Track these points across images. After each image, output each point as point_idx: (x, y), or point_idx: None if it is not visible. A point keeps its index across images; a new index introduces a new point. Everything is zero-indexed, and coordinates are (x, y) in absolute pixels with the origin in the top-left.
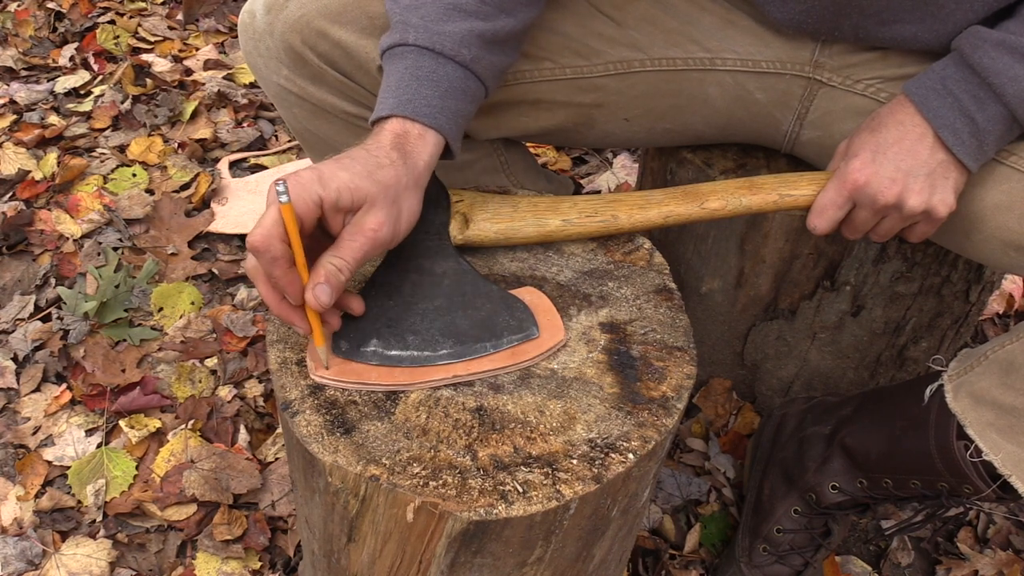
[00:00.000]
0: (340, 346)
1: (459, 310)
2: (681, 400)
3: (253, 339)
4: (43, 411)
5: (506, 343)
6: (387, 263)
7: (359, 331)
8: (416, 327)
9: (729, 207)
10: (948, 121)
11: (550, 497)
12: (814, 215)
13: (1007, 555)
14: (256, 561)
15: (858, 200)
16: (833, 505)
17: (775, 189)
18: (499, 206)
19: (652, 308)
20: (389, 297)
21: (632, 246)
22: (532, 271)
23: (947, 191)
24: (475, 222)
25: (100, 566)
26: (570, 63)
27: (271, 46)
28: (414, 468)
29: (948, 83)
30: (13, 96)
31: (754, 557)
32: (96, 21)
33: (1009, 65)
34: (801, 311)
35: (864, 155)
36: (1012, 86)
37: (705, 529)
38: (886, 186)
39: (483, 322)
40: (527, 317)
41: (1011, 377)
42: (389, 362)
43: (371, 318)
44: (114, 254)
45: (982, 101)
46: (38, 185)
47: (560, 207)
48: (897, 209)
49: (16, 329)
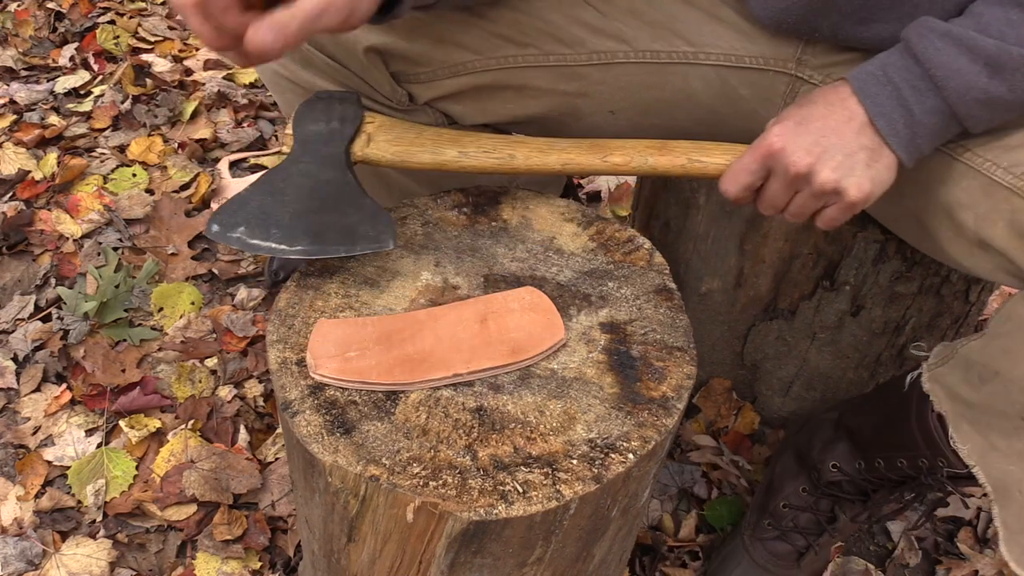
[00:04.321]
0: (211, 227)
1: (328, 215)
2: (681, 400)
3: (253, 339)
4: (43, 411)
5: (359, 249)
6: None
7: (233, 217)
8: (283, 223)
9: (633, 164)
10: (884, 108)
11: (550, 497)
12: (726, 178)
13: None
14: (256, 561)
15: (772, 167)
16: (833, 484)
17: (685, 153)
18: (403, 131)
19: (652, 308)
20: (270, 194)
21: (632, 246)
22: (532, 271)
23: (864, 176)
24: (375, 142)
25: (100, 566)
26: (554, 50)
27: None
28: (414, 468)
29: (889, 71)
30: (13, 96)
31: (757, 531)
32: (96, 21)
33: (953, 57)
34: (801, 311)
35: (786, 123)
36: (954, 79)
37: (712, 511)
38: (800, 156)
39: (346, 228)
40: (388, 231)
41: (969, 374)
42: (248, 248)
43: (248, 208)
44: (114, 254)
45: (921, 92)
46: (38, 185)
47: (461, 140)
48: (808, 182)
49: (16, 329)
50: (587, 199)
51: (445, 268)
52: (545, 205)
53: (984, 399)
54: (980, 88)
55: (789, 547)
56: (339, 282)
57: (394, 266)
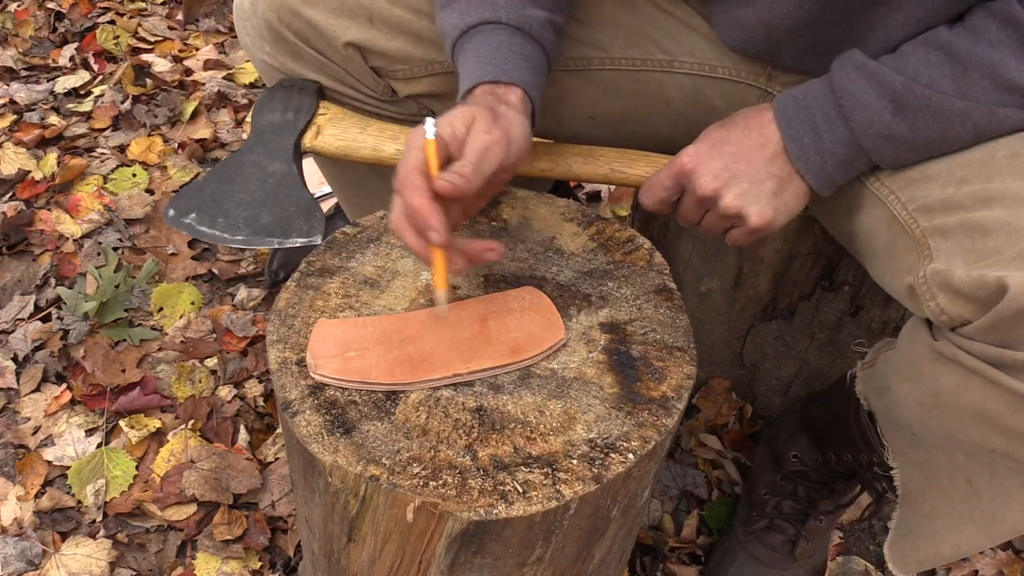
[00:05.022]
0: (168, 212)
1: (269, 207)
2: (681, 400)
3: (253, 339)
4: (43, 411)
5: (289, 242)
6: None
7: (188, 203)
8: (228, 212)
9: (558, 170)
10: (797, 133)
11: (550, 497)
12: (643, 190)
13: (1007, 555)
14: (256, 561)
15: (685, 186)
16: (796, 473)
17: (608, 163)
18: (350, 125)
19: (652, 308)
20: (222, 183)
21: (632, 246)
22: (532, 271)
23: (768, 205)
24: (323, 135)
25: (100, 566)
26: None
27: (255, 24)
28: (414, 468)
29: (808, 97)
30: (13, 96)
31: (748, 523)
32: (96, 21)
33: (863, 89)
34: (800, 311)
35: (702, 145)
36: (860, 112)
37: (711, 512)
38: (707, 180)
39: (282, 221)
40: (318, 226)
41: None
42: (196, 235)
43: (202, 195)
44: (114, 254)
45: (832, 121)
46: (38, 185)
47: (401, 137)
48: (714, 205)
49: (16, 329)
50: (587, 199)
51: None
52: (545, 205)
53: (885, 408)
54: (883, 123)
55: (781, 536)
56: (339, 282)
57: (394, 266)
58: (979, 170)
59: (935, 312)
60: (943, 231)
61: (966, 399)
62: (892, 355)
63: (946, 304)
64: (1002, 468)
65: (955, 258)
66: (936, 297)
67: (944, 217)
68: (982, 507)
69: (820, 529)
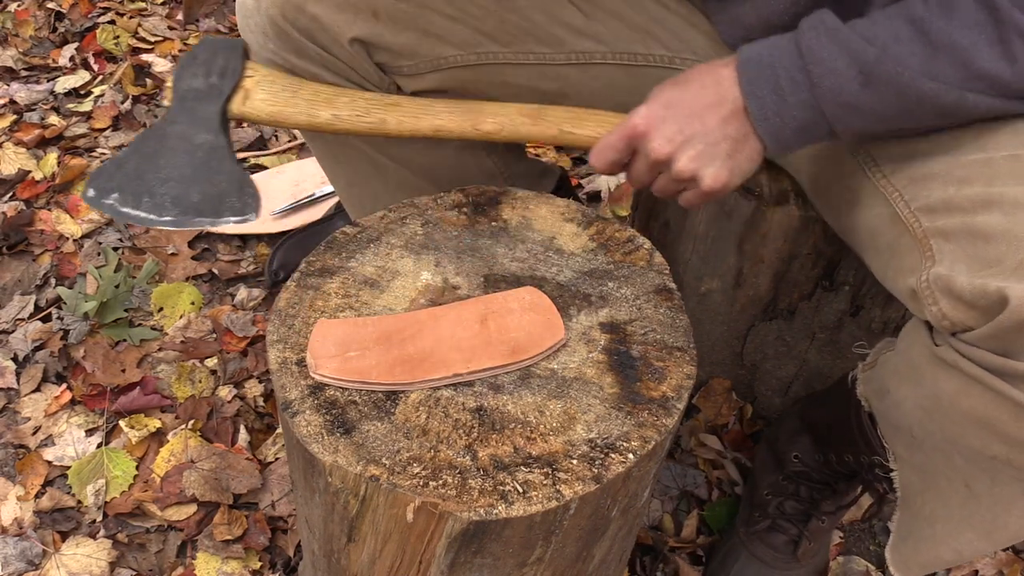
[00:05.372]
0: (87, 192)
1: (198, 183)
2: (681, 400)
3: (253, 339)
4: (43, 411)
5: (222, 221)
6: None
7: (109, 181)
8: (154, 190)
9: (504, 132)
10: (760, 92)
11: (550, 497)
12: (594, 153)
13: (1007, 555)
14: (256, 561)
15: (637, 148)
16: (798, 474)
17: (558, 124)
18: (281, 89)
19: (652, 308)
20: (145, 158)
21: (632, 246)
22: (532, 271)
23: (723, 167)
24: (251, 100)
25: (100, 566)
26: (534, 49)
27: (259, 21)
28: (414, 468)
29: (775, 55)
30: (13, 96)
31: (750, 523)
32: (96, 21)
33: (833, 56)
34: (800, 311)
35: (655, 105)
36: (828, 79)
37: (711, 512)
38: (660, 143)
39: (212, 198)
40: (252, 203)
41: (880, 384)
42: (119, 216)
43: (124, 171)
44: (114, 254)
45: (797, 84)
46: (38, 185)
47: (336, 101)
48: (668, 168)
49: (16, 329)
50: (587, 199)
51: (445, 268)
52: (545, 205)
53: (885, 410)
54: (851, 93)
55: (783, 537)
56: (339, 282)
57: (394, 266)
58: (980, 171)
59: (937, 317)
60: (945, 233)
61: (966, 405)
62: (892, 357)
63: (948, 310)
64: (1003, 475)
65: (958, 263)
66: (939, 302)
67: (946, 218)
68: (982, 512)
69: (822, 529)
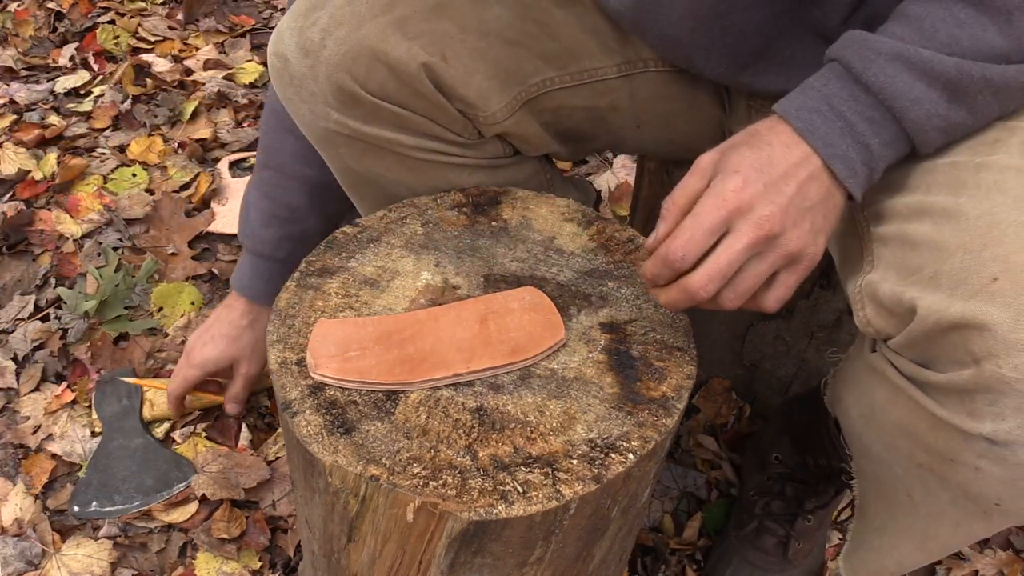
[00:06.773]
0: (72, 508)
1: (147, 472)
2: (681, 400)
3: None
4: (43, 410)
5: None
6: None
7: (85, 496)
8: (119, 489)
9: None
10: (839, 150)
11: (550, 497)
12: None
13: (1007, 555)
14: (256, 561)
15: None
16: (777, 475)
17: None
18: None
19: (652, 308)
20: (102, 471)
21: (632, 246)
22: (532, 271)
23: (821, 236)
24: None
25: (101, 566)
26: (587, 67)
27: (316, 91)
28: (414, 468)
29: (835, 103)
30: (13, 96)
31: (740, 527)
32: (96, 21)
33: (909, 85)
34: (798, 311)
35: (748, 174)
36: (914, 110)
37: (709, 513)
38: (768, 215)
39: (161, 477)
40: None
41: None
42: (105, 517)
43: (92, 487)
44: (114, 254)
45: (877, 123)
46: (38, 185)
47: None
48: (771, 245)
49: (16, 329)
50: None
51: (445, 268)
52: (545, 205)
53: (840, 418)
54: (941, 115)
55: (772, 539)
56: (339, 282)
57: (394, 266)
58: (921, 179)
59: (863, 322)
60: (884, 239)
61: (894, 414)
62: (844, 364)
63: (872, 316)
64: (931, 484)
65: (890, 270)
66: (865, 308)
67: (887, 225)
68: (919, 523)
69: (811, 529)
